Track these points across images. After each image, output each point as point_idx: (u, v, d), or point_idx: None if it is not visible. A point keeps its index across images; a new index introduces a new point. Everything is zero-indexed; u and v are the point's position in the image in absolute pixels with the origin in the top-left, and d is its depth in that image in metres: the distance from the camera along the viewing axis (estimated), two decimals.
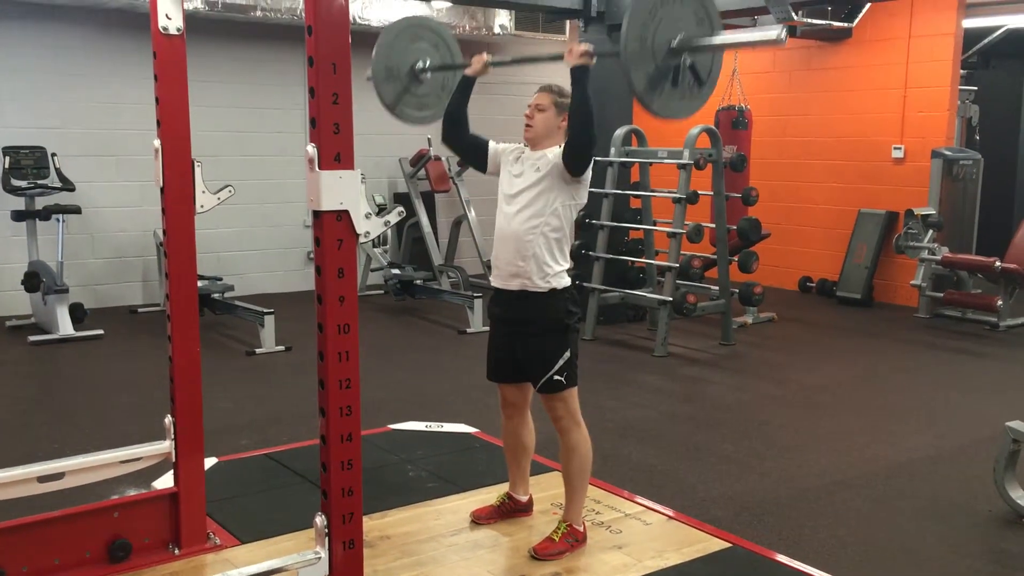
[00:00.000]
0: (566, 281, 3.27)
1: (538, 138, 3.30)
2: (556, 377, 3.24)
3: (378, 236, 2.57)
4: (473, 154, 3.48)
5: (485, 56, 3.46)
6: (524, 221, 3.22)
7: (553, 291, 3.24)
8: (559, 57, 3.18)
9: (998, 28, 9.77)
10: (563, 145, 3.21)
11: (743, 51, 8.77)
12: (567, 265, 3.29)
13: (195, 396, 3.23)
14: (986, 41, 9.94)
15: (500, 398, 3.50)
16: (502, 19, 9.01)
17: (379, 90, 3.81)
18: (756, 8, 7.17)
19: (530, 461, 3.62)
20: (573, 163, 3.18)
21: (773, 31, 2.89)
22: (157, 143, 3.09)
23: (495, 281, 3.34)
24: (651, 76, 2.94)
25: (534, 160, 3.27)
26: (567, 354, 3.25)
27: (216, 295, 7.37)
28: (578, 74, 3.12)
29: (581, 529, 3.38)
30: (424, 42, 3.83)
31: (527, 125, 3.31)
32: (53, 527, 3.07)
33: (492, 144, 3.45)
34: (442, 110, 3.64)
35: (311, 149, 2.34)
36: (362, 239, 2.43)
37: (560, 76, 3.25)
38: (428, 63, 3.79)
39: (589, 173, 3.26)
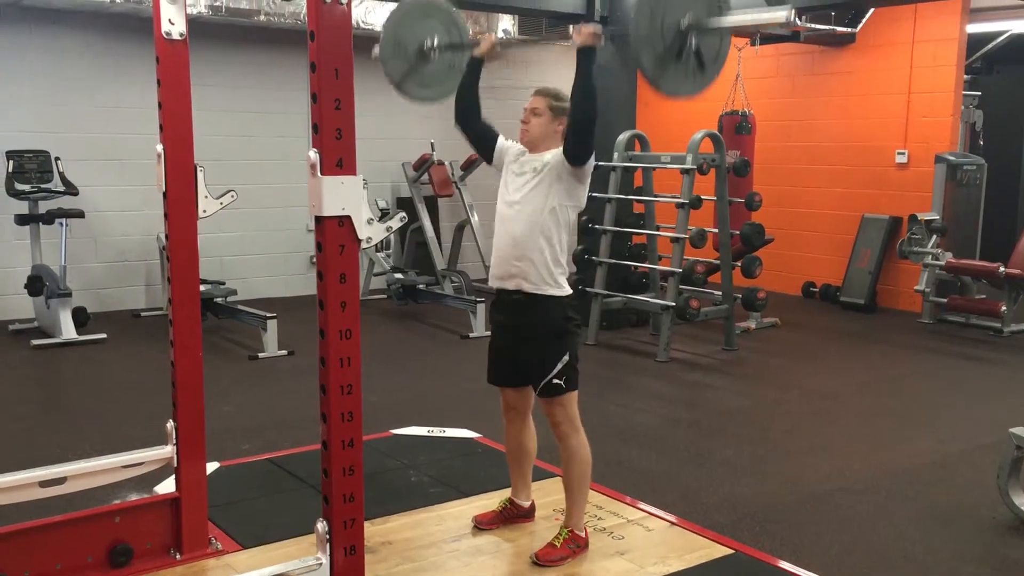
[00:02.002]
0: (565, 288, 3.27)
1: (534, 141, 3.31)
2: (555, 381, 3.23)
3: (381, 240, 2.57)
4: (483, 142, 3.49)
5: (493, 37, 3.49)
6: (521, 222, 3.23)
7: (552, 297, 3.24)
8: (567, 38, 3.19)
9: (1002, 33, 9.76)
10: (563, 138, 3.21)
11: (746, 56, 8.77)
12: (564, 269, 3.29)
13: (197, 401, 3.23)
14: (990, 46, 9.93)
15: (502, 402, 3.50)
16: (505, 24, 9.02)
17: (386, 66, 3.80)
18: None
19: (532, 466, 3.61)
20: (574, 147, 3.17)
21: (781, 12, 2.91)
22: (160, 148, 3.10)
23: (492, 281, 3.35)
24: (659, 56, 2.97)
25: (532, 162, 3.29)
26: (566, 357, 3.25)
27: (219, 299, 7.37)
28: (585, 54, 3.11)
29: (583, 535, 3.38)
30: (435, 21, 3.83)
31: (523, 130, 3.33)
32: (55, 532, 3.07)
33: (501, 139, 3.47)
34: (446, 91, 3.68)
35: (313, 154, 2.34)
36: (364, 244, 2.43)
37: (564, 79, 3.25)
38: (437, 42, 3.80)
39: (589, 170, 3.25)
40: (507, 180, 3.35)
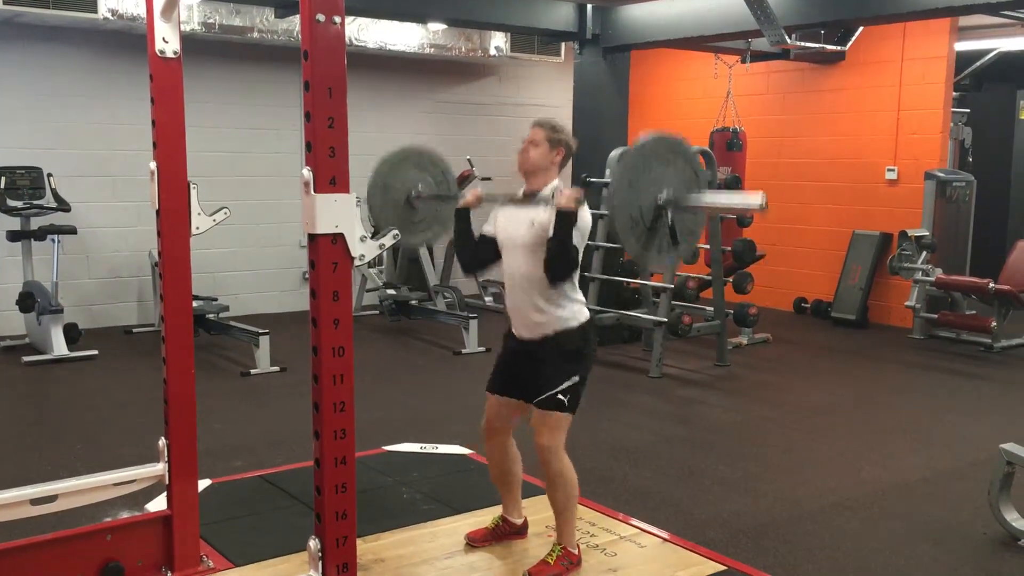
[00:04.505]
0: (583, 314, 3.29)
1: (533, 172, 3.32)
2: (559, 396, 3.23)
3: (373, 256, 2.59)
4: (494, 256, 3.46)
5: (479, 191, 3.50)
6: (528, 274, 3.25)
7: (572, 328, 3.26)
8: (548, 201, 3.19)
9: (990, 51, 9.85)
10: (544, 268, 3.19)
11: (737, 73, 8.82)
12: (580, 298, 3.31)
13: (189, 418, 3.22)
14: (978, 64, 10.02)
15: (484, 420, 3.47)
16: (498, 41, 9.05)
17: (376, 217, 3.87)
18: (750, 31, 7.23)
19: (520, 485, 3.60)
20: (552, 281, 3.21)
21: (757, 198, 2.98)
22: (153, 165, 3.10)
23: (517, 330, 3.36)
24: (640, 235, 3.05)
25: (528, 215, 3.26)
26: (576, 378, 3.26)
27: (211, 315, 7.36)
28: (563, 216, 3.11)
29: (575, 552, 3.37)
30: (425, 172, 3.92)
31: (522, 158, 3.34)
32: (45, 550, 3.06)
33: (486, 228, 3.45)
34: (435, 234, 3.79)
35: (307, 172, 2.35)
36: (357, 262, 2.44)
37: (555, 98, 3.27)
38: (423, 191, 3.89)
39: (587, 222, 3.24)
40: (506, 228, 3.33)
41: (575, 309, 3.28)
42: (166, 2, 2.99)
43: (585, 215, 3.18)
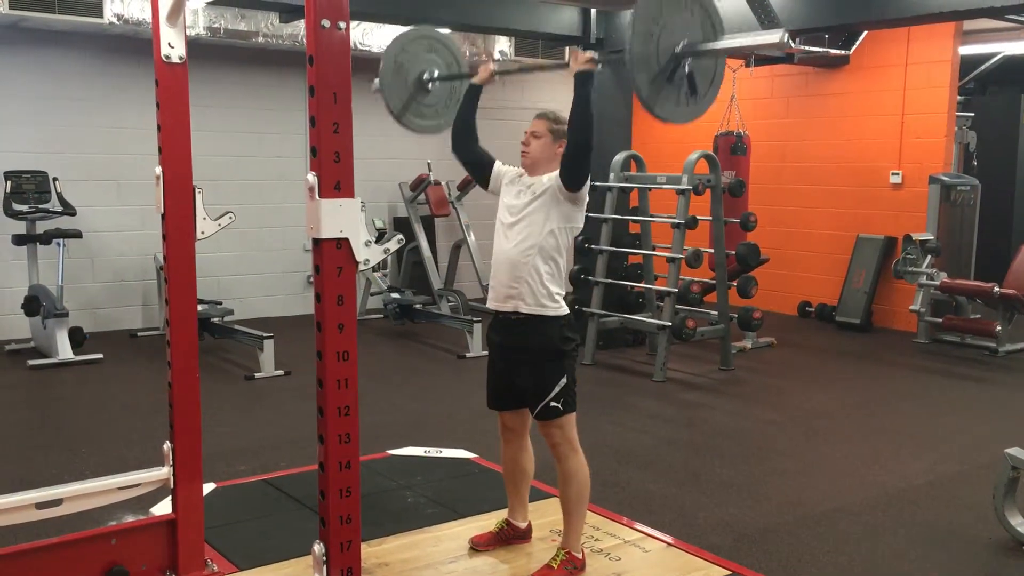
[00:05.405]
0: (563, 308, 3.28)
1: (535, 164, 3.34)
2: (553, 404, 3.24)
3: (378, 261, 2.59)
4: (478, 168, 3.54)
5: (491, 65, 3.54)
6: (519, 244, 3.25)
7: (549, 317, 3.25)
8: (564, 65, 3.24)
9: (995, 55, 9.85)
10: (561, 162, 3.25)
11: (741, 77, 8.82)
12: (561, 290, 3.30)
13: (194, 422, 3.22)
14: (983, 68, 10.01)
15: (499, 424, 3.50)
16: (502, 45, 9.06)
17: (386, 97, 3.85)
18: None
19: (529, 487, 3.61)
20: (570, 171, 3.20)
21: (775, 35, 2.93)
22: (158, 170, 3.11)
23: (491, 303, 3.37)
24: (654, 78, 3.00)
25: (531, 185, 3.31)
26: (564, 380, 3.26)
27: (216, 319, 7.37)
28: (581, 79, 3.16)
29: (580, 556, 3.37)
30: (436, 55, 3.89)
31: (523, 152, 3.35)
32: (50, 554, 3.06)
33: (497, 164, 3.52)
34: (446, 122, 3.77)
35: (311, 177, 2.36)
36: (362, 267, 2.45)
37: (560, 101, 3.28)
38: (436, 74, 3.86)
39: (586, 192, 3.28)
40: (505, 203, 3.37)
41: (551, 294, 3.25)
42: (172, 7, 3.00)
43: (584, 191, 3.25)
